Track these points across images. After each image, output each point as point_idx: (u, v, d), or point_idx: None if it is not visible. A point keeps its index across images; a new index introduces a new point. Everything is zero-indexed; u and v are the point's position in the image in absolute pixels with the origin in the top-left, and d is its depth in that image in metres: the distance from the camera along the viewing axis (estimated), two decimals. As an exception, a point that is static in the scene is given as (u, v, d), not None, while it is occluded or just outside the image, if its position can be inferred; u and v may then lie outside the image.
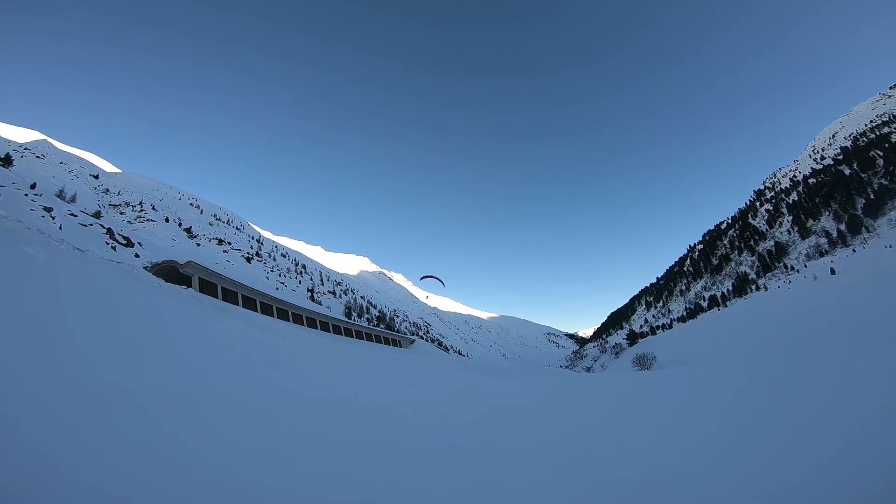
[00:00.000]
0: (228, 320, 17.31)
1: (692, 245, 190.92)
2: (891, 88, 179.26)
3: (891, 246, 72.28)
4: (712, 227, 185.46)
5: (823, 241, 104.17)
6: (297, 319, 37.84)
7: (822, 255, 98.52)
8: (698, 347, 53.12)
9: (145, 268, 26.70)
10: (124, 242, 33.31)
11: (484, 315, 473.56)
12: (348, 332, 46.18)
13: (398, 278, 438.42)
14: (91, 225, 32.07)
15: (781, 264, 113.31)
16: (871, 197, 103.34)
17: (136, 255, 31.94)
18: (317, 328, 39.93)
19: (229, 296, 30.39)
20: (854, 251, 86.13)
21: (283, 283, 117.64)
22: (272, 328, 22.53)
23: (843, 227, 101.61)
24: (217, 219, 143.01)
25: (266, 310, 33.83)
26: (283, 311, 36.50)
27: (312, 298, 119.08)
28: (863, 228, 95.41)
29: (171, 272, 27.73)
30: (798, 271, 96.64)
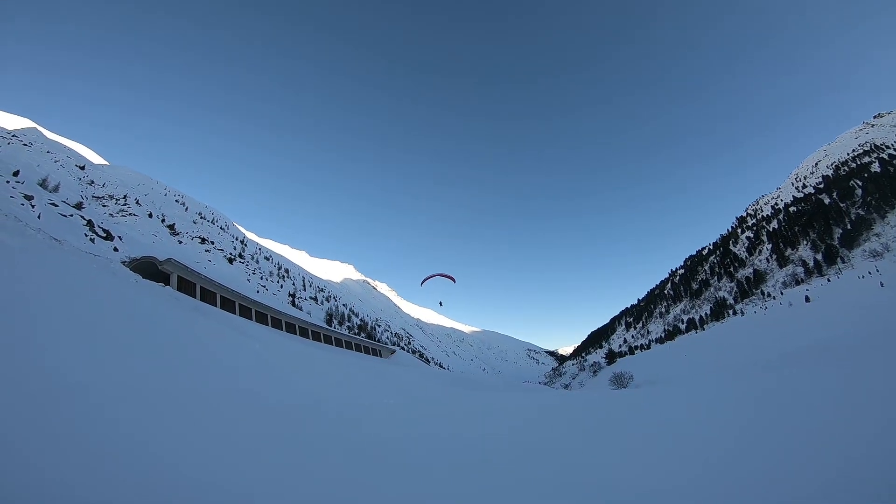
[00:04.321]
0: (204, 321, 17.10)
1: (674, 269, 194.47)
2: (875, 118, 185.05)
3: (863, 277, 74.53)
4: (694, 253, 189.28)
5: (800, 270, 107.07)
6: (276, 324, 37.40)
7: (798, 283, 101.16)
8: (675, 368, 53.85)
9: (123, 262, 26.19)
10: (104, 235, 32.60)
11: (467, 329, 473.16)
12: (328, 340, 45.73)
13: (382, 288, 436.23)
14: (71, 216, 31.38)
15: (759, 291, 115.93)
16: (848, 227, 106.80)
17: (115, 249, 31.30)
18: (296, 333, 39.49)
19: (208, 296, 29.95)
20: (829, 280, 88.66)
21: (264, 287, 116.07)
22: (249, 331, 22.28)
23: (819, 256, 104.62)
24: (202, 217, 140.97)
25: (245, 312, 33.40)
26: (262, 315, 36.05)
27: (293, 303, 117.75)
28: (838, 259, 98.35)
29: (150, 268, 27.27)
30: (774, 298, 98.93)
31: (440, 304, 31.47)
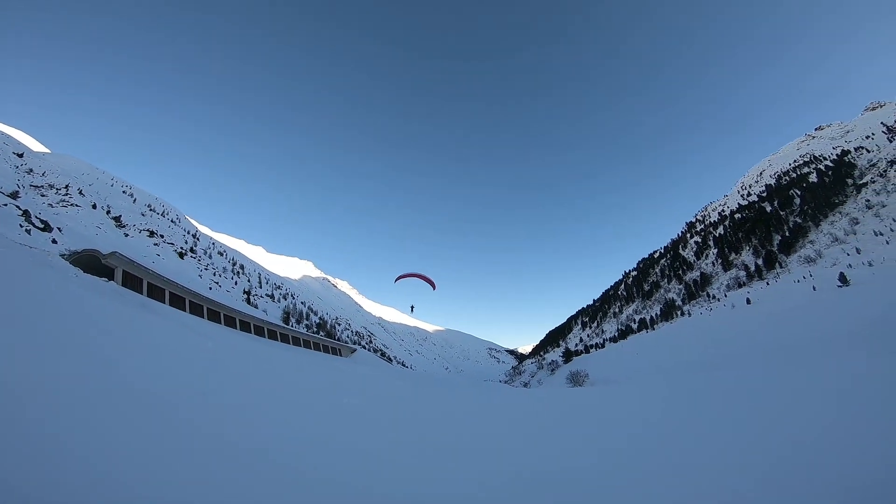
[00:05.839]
0: (152, 318, 16.25)
1: (627, 271, 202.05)
2: (816, 130, 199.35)
3: (798, 281, 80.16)
4: (646, 256, 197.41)
5: (742, 274, 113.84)
6: (230, 322, 35.96)
7: (740, 286, 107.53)
8: (627, 366, 55.96)
9: (63, 255, 24.50)
10: (41, 226, 30.42)
11: (430, 328, 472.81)
12: (284, 338, 44.43)
13: (343, 286, 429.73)
14: (6, 205, 29.12)
15: (705, 293, 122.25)
16: (787, 234, 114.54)
17: (54, 241, 29.23)
18: (251, 332, 38.13)
19: (155, 292, 28.41)
20: (767, 284, 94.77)
21: (217, 283, 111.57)
22: (201, 329, 21.37)
23: (760, 261, 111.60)
24: (151, 209, 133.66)
25: (196, 310, 31.92)
26: (215, 313, 34.55)
27: (249, 301, 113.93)
28: (777, 264, 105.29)
29: (92, 262, 25.56)
30: (719, 300, 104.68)
31: (412, 308, 29.59)
